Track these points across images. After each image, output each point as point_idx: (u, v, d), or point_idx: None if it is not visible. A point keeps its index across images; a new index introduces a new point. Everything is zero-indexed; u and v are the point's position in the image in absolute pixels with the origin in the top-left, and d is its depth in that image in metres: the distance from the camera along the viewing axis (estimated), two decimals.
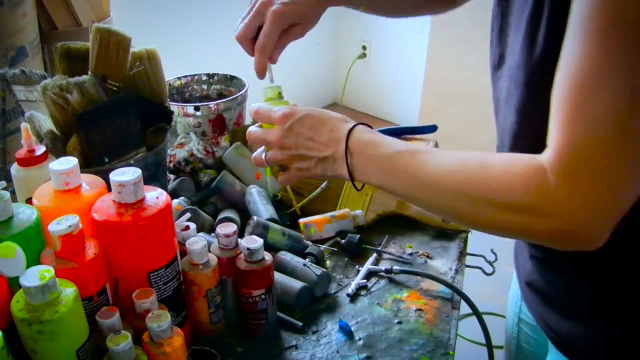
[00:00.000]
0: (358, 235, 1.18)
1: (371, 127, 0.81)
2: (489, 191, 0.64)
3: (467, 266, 1.18)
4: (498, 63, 0.79)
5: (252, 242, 0.90)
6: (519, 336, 1.10)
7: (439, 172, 0.69)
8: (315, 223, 1.20)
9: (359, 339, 0.98)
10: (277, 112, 0.82)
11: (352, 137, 0.77)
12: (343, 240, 1.18)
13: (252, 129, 0.88)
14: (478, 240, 1.51)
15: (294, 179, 0.87)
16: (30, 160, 0.97)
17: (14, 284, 0.72)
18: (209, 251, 0.92)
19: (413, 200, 0.77)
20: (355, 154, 0.77)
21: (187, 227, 0.95)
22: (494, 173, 0.64)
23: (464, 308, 1.05)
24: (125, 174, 0.79)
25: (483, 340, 1.02)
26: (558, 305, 0.85)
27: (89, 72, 1.05)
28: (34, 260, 0.77)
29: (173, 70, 1.45)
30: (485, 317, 1.03)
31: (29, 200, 0.86)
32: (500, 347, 2.21)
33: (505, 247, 2.75)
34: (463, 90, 3.49)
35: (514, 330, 1.13)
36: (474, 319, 1.03)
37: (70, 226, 0.75)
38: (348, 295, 1.07)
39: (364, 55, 4.11)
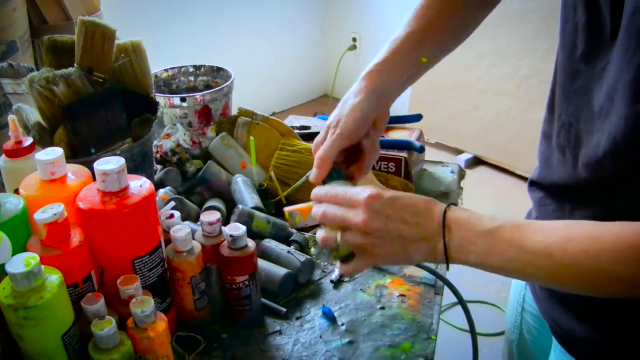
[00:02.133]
0: None
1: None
2: (599, 263, 0.62)
3: None
4: (581, 58, 0.75)
5: (235, 229, 0.92)
6: (522, 326, 1.10)
7: (547, 245, 0.66)
8: (300, 211, 1.21)
9: (342, 324, 1.00)
10: (361, 194, 0.75)
11: (448, 216, 0.72)
12: None
13: (329, 208, 0.78)
14: None
15: (365, 268, 0.79)
16: (18, 152, 0.98)
17: (0, 271, 0.73)
18: (193, 239, 0.94)
19: (514, 275, 0.73)
20: (454, 232, 0.72)
21: (171, 215, 0.96)
22: (605, 245, 0.62)
23: (452, 297, 1.05)
24: (109, 163, 0.80)
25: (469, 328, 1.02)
26: (569, 304, 0.84)
27: (75, 65, 1.07)
28: (20, 248, 0.78)
29: (160, 62, 1.46)
30: (472, 305, 1.04)
31: (17, 191, 0.87)
32: (486, 335, 2.24)
33: None
34: (453, 81, 3.51)
35: (517, 319, 1.11)
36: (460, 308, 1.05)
37: (55, 214, 0.76)
38: (331, 281, 1.09)
39: (354, 47, 4.12)
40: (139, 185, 0.84)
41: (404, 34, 0.93)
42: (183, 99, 1.36)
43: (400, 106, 3.80)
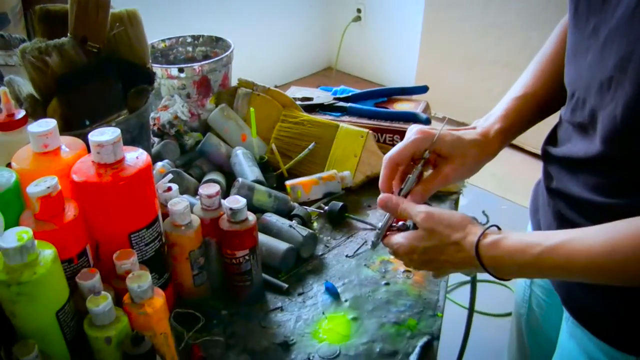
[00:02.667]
0: (341, 203, 1.16)
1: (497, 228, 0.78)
2: None
3: None
4: (592, 31, 0.74)
5: (235, 202, 0.89)
6: (531, 299, 1.08)
7: (593, 260, 0.67)
8: (302, 185, 1.19)
9: (346, 300, 0.98)
10: (400, 250, 0.83)
11: (482, 254, 0.75)
12: (326, 207, 1.17)
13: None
14: (470, 202, 1.49)
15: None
16: (10, 125, 0.96)
17: None
18: (192, 212, 0.91)
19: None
20: (490, 267, 0.75)
21: (169, 189, 0.94)
22: None
23: (459, 276, 1.03)
24: (104, 134, 0.78)
25: (477, 307, 1.00)
26: None
27: (68, 34, 1.03)
28: (13, 223, 0.76)
29: (157, 32, 1.42)
30: (480, 284, 1.01)
31: (9, 165, 0.85)
32: (494, 315, 2.22)
33: (498, 209, 2.75)
34: (462, 53, 3.45)
35: (526, 293, 1.10)
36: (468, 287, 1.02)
37: (48, 187, 0.74)
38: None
39: (358, 19, 4.06)
40: (136, 157, 0.81)
41: (530, 92, 0.98)
42: (181, 70, 1.32)
43: (406, 79, 3.76)
